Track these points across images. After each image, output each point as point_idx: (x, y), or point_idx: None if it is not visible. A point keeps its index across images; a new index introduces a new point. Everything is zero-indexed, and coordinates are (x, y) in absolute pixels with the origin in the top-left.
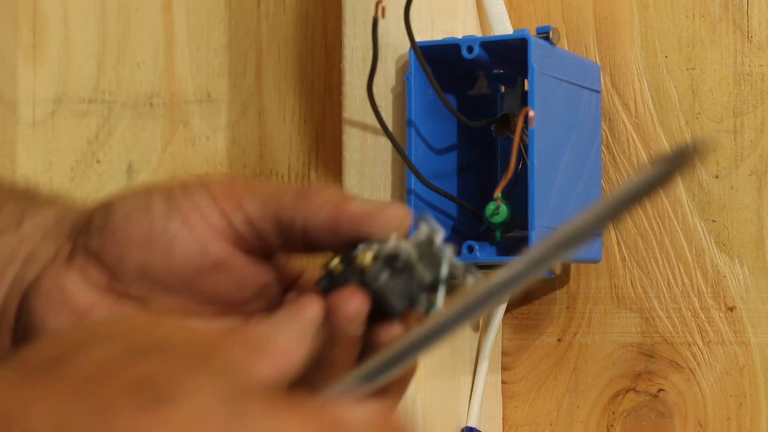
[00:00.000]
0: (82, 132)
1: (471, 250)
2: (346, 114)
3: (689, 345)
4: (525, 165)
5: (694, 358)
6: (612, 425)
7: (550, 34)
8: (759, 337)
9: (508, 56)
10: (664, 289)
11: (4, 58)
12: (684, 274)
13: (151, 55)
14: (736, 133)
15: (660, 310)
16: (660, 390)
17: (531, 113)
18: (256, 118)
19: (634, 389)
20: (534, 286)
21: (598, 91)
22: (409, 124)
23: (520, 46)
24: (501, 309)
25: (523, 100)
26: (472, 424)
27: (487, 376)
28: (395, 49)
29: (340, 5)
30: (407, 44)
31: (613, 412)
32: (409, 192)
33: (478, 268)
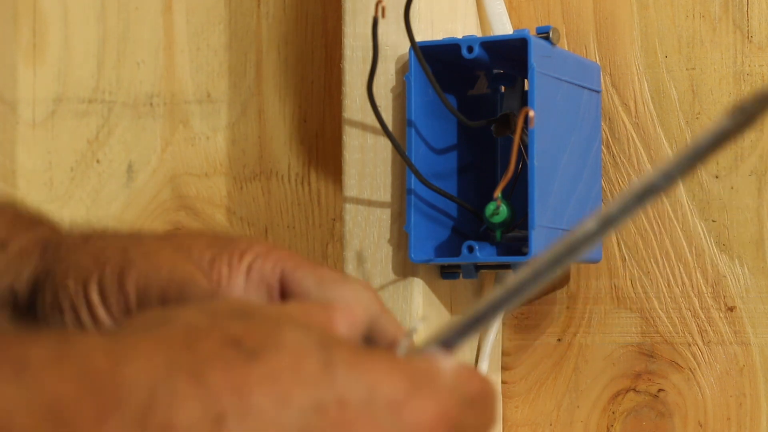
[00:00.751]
0: (82, 132)
1: (471, 250)
2: (346, 114)
3: (689, 345)
4: (525, 165)
5: (694, 358)
6: (612, 425)
7: (550, 34)
8: (759, 338)
9: (508, 56)
10: (664, 289)
11: (4, 58)
12: (684, 275)
13: (151, 55)
14: None
15: (660, 310)
16: (660, 390)
17: (531, 113)
18: (256, 118)
19: (634, 389)
20: None
21: (598, 91)
22: (409, 124)
23: (520, 46)
24: None
25: (523, 100)
26: None
27: (487, 376)
28: (395, 49)
29: (340, 5)
30: (407, 44)
31: (613, 412)
32: (409, 192)
33: (478, 268)
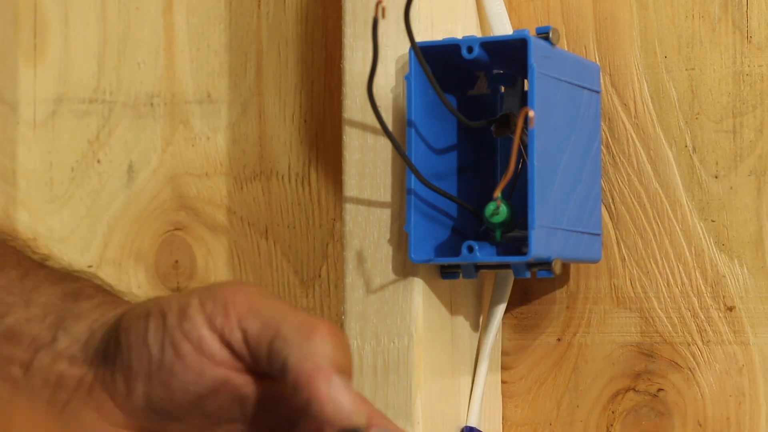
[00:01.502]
0: (83, 132)
1: (471, 250)
2: (346, 114)
3: (689, 345)
4: (525, 165)
5: (694, 358)
6: (612, 425)
7: (550, 35)
8: (758, 337)
9: (508, 56)
10: (664, 289)
11: (4, 59)
12: (683, 274)
13: (152, 55)
14: (736, 134)
15: (659, 310)
16: (659, 390)
17: (531, 113)
18: (256, 118)
19: (634, 389)
20: (534, 286)
21: (598, 92)
22: (409, 124)
23: (520, 47)
24: (501, 308)
25: (523, 100)
26: (472, 423)
27: (487, 375)
28: (395, 49)
29: (340, 5)
30: (407, 44)
31: (613, 412)
32: (409, 192)
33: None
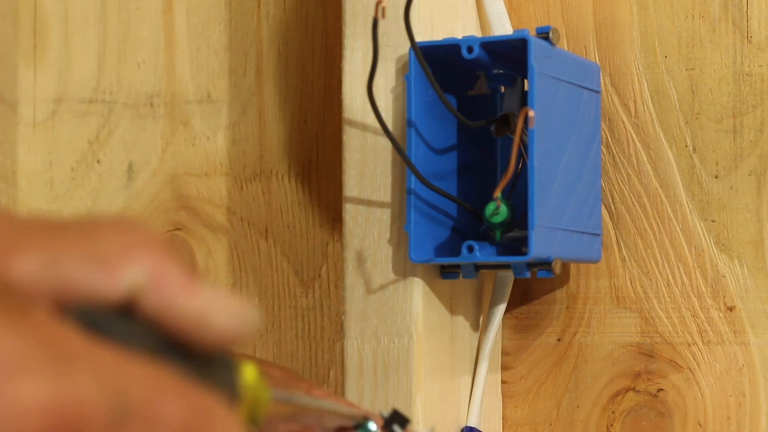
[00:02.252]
0: (83, 132)
1: (471, 250)
2: (346, 114)
3: (689, 345)
4: (525, 165)
5: (694, 358)
6: (612, 425)
7: (550, 35)
8: (758, 337)
9: (508, 56)
10: (664, 289)
11: (4, 59)
12: (683, 274)
13: (152, 56)
14: (736, 133)
15: (659, 310)
16: (660, 390)
17: (531, 113)
18: (256, 118)
19: (634, 389)
20: (534, 286)
21: (598, 92)
22: (409, 124)
23: (520, 46)
24: (501, 308)
25: (523, 100)
26: (472, 423)
27: (487, 375)
28: (395, 49)
29: (340, 5)
30: (407, 44)
31: (613, 412)
32: (409, 192)
33: (478, 268)
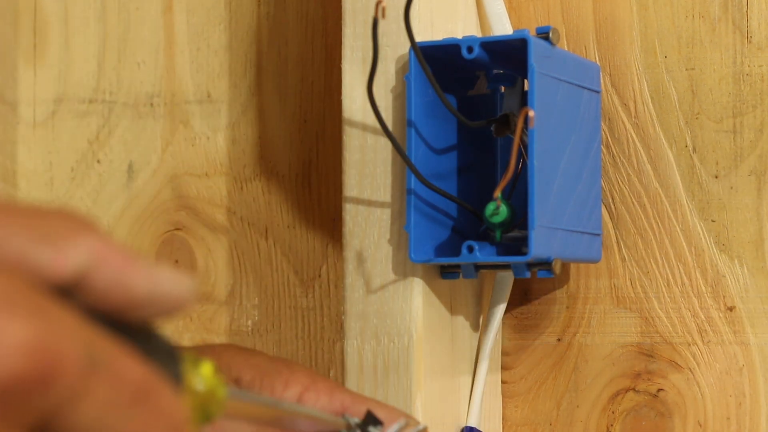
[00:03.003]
0: (83, 132)
1: (471, 250)
2: (346, 114)
3: (689, 345)
4: (525, 165)
5: (694, 358)
6: (612, 425)
7: (550, 35)
8: (758, 337)
9: (508, 56)
10: (664, 289)
11: (4, 59)
12: (683, 274)
13: (152, 56)
14: (736, 133)
15: (660, 310)
16: (660, 390)
17: (531, 113)
18: (256, 118)
19: (634, 389)
20: (534, 286)
21: (598, 92)
22: (409, 124)
23: (520, 46)
24: (501, 309)
25: (523, 100)
26: (472, 423)
27: (487, 375)
28: (395, 49)
29: (340, 5)
30: (407, 44)
31: (613, 412)
32: (409, 192)
33: (478, 268)
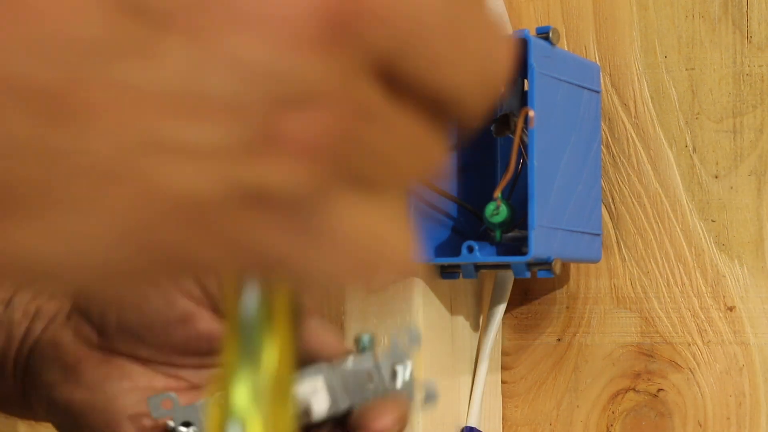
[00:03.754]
0: None
1: (471, 250)
2: None
3: (689, 345)
4: (525, 165)
5: (694, 358)
6: (612, 425)
7: (550, 35)
8: (758, 337)
9: None
10: (664, 289)
11: None
12: (683, 274)
13: None
14: (736, 133)
15: (660, 310)
16: (660, 390)
17: (531, 113)
18: None
19: (634, 389)
20: (534, 286)
21: (598, 91)
22: None
23: (520, 47)
24: (501, 309)
25: (523, 100)
26: (472, 423)
27: (487, 375)
28: None
29: None
30: None
31: (613, 412)
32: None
33: (478, 268)
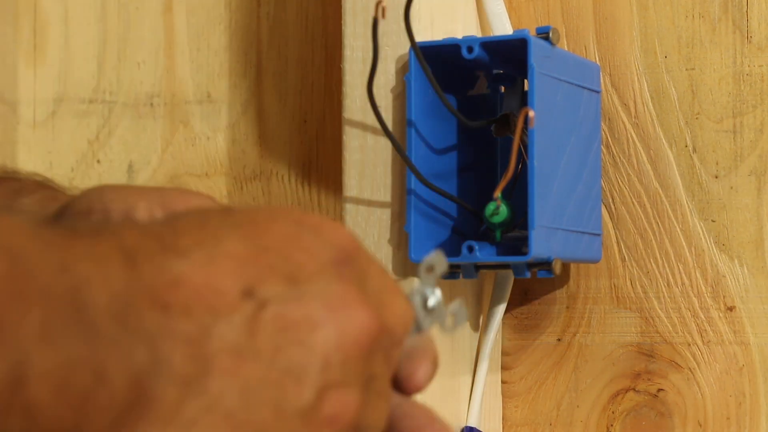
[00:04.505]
0: (83, 132)
1: (471, 250)
2: (346, 114)
3: (689, 345)
4: (525, 165)
5: (694, 358)
6: (612, 425)
7: (550, 35)
8: (758, 337)
9: (508, 56)
10: (664, 289)
11: (4, 59)
12: (683, 274)
13: (152, 56)
14: (736, 134)
15: (660, 310)
16: (660, 390)
17: (531, 113)
18: (256, 118)
19: (634, 389)
20: (534, 286)
21: (598, 91)
22: (409, 124)
23: (520, 47)
24: (501, 308)
25: (523, 100)
26: (472, 423)
27: (487, 375)
28: (395, 49)
29: (340, 5)
30: (407, 44)
31: (613, 412)
32: (409, 192)
33: (478, 268)
